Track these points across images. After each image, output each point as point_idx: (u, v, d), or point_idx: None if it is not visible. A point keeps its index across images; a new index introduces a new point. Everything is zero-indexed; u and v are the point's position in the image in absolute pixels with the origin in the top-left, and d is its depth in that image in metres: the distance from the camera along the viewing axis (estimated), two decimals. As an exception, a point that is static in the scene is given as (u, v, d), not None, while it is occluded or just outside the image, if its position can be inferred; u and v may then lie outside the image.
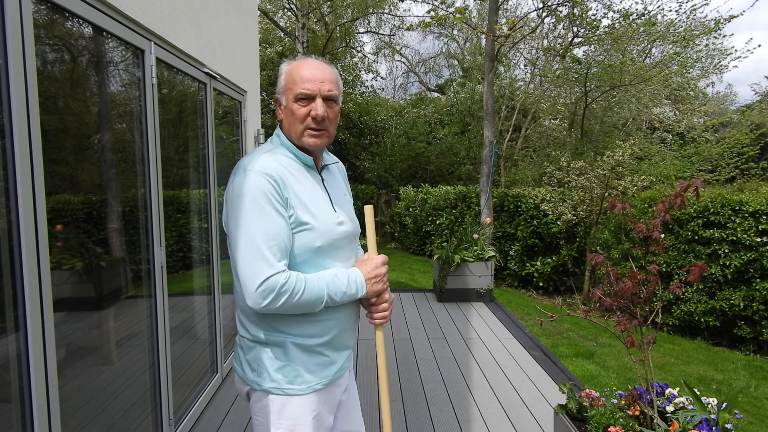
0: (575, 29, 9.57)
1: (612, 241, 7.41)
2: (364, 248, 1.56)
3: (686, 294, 6.30)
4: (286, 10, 13.69)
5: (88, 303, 2.09)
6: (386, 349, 4.45)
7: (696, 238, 6.24)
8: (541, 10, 9.43)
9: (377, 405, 3.37)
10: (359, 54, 16.16)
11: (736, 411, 2.22)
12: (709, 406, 2.23)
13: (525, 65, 13.92)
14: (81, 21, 1.96)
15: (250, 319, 1.43)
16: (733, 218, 5.98)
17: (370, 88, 17.96)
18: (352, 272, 1.44)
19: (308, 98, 1.39)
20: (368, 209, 1.55)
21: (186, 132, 3.17)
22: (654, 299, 2.22)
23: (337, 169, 1.63)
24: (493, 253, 6.24)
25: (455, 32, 18.55)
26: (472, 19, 15.07)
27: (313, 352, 1.44)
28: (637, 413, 2.21)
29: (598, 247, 7.63)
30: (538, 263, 8.98)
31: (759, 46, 20.88)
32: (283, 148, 1.45)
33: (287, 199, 1.34)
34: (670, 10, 13.77)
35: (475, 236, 6.31)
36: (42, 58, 1.72)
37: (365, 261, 1.50)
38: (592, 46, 9.75)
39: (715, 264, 6.07)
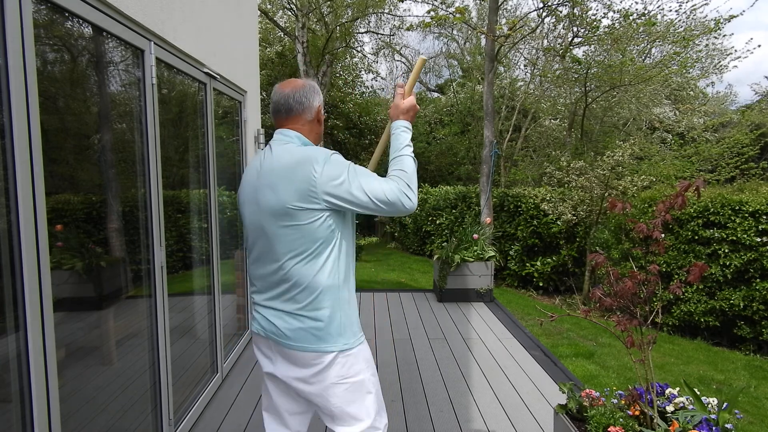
0: (575, 29, 9.57)
1: (612, 241, 7.41)
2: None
3: (686, 294, 6.30)
4: (286, 10, 13.68)
5: (88, 303, 2.09)
6: (386, 349, 4.46)
7: (696, 238, 6.25)
8: (541, 10, 9.43)
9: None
10: (359, 54, 16.15)
11: (736, 411, 2.22)
12: (709, 406, 2.23)
13: (525, 65, 13.92)
14: (81, 21, 1.96)
15: (328, 287, 1.62)
16: (733, 218, 5.98)
17: (370, 88, 17.96)
18: (402, 123, 1.77)
19: None
20: (421, 59, 1.89)
21: (186, 132, 3.17)
22: (654, 299, 2.22)
23: None
24: (493, 253, 6.24)
25: (455, 32, 18.54)
26: (472, 19, 15.06)
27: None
28: (637, 413, 2.21)
29: (598, 247, 7.63)
30: (538, 263, 8.98)
31: (759, 46, 20.92)
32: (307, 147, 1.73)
33: None
34: (670, 10, 13.79)
35: (475, 236, 6.31)
36: (42, 58, 1.72)
37: (402, 109, 1.79)
38: (592, 46, 9.75)
39: (715, 264, 6.07)
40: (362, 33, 15.50)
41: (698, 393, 2.29)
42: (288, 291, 1.64)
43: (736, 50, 13.88)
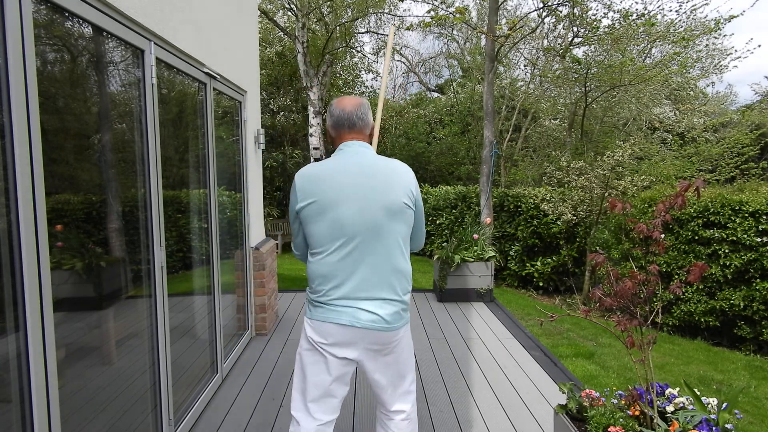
0: (575, 29, 9.57)
1: (612, 241, 7.41)
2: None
3: (686, 294, 6.30)
4: (286, 10, 13.67)
5: (88, 303, 2.09)
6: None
7: (696, 238, 6.24)
8: (541, 10, 9.43)
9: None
10: (359, 54, 16.14)
11: (736, 411, 2.22)
12: (709, 406, 2.23)
13: (525, 65, 13.92)
14: (81, 21, 1.96)
15: (410, 272, 1.94)
16: (733, 218, 5.98)
17: (370, 88, 17.95)
18: None
19: None
20: (393, 27, 2.31)
21: (186, 132, 3.17)
22: (654, 299, 2.22)
23: None
24: (493, 253, 6.24)
25: (455, 32, 18.53)
26: (472, 20, 15.06)
27: None
28: (637, 413, 2.21)
29: (598, 247, 7.63)
30: (538, 263, 8.98)
31: (759, 46, 20.86)
32: None
33: None
34: (670, 10, 13.76)
35: (475, 236, 6.31)
36: (42, 58, 1.72)
37: None
38: (592, 46, 9.74)
39: (715, 264, 6.07)
40: (362, 33, 15.50)
41: (698, 393, 2.29)
42: (391, 279, 1.85)
43: (736, 50, 13.90)
